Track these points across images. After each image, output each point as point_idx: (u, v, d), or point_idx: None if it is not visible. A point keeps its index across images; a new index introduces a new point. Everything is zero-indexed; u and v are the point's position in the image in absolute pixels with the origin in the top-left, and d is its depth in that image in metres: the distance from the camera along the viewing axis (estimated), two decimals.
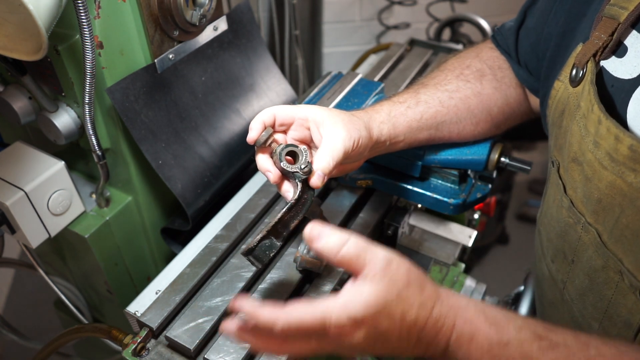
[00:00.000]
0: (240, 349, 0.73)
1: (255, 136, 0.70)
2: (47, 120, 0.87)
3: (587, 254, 0.65)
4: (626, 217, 0.58)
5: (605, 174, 0.58)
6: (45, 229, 0.91)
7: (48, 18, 0.64)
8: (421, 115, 0.83)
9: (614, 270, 0.61)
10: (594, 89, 0.60)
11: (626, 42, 0.61)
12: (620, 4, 0.61)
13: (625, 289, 0.61)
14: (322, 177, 0.69)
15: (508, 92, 0.89)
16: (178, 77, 0.98)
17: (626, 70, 0.60)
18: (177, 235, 1.07)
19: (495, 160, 0.91)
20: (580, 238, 0.66)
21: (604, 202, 0.60)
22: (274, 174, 0.71)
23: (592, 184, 0.61)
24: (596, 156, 0.59)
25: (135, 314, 0.79)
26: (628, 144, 0.54)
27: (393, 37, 2.29)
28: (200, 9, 0.90)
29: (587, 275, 0.66)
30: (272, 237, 0.67)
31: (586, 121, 0.61)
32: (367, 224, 0.94)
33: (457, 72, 0.89)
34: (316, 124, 0.72)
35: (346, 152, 0.70)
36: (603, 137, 0.58)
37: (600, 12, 0.64)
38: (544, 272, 0.79)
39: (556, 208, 0.72)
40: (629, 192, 0.56)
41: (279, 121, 0.73)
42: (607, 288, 0.63)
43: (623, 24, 0.60)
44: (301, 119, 0.73)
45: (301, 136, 0.74)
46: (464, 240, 1.05)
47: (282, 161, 0.70)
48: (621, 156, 0.56)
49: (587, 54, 0.63)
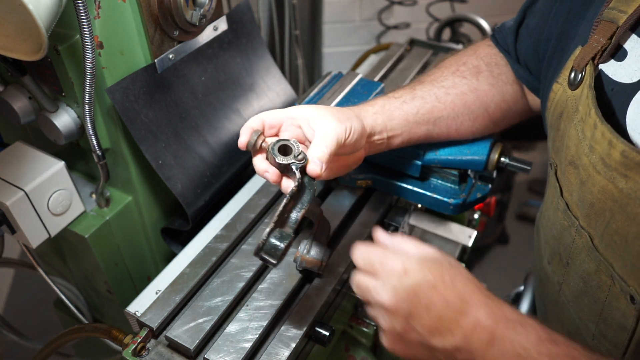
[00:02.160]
0: (240, 349, 0.73)
1: (245, 139, 0.71)
2: (47, 120, 0.87)
3: (581, 257, 0.65)
4: (616, 223, 0.58)
5: (599, 178, 0.58)
6: (45, 229, 0.91)
7: (48, 18, 0.64)
8: (417, 109, 0.83)
9: (605, 274, 0.62)
10: (592, 93, 0.60)
11: (626, 45, 0.60)
12: (619, 7, 0.61)
13: (617, 293, 0.61)
14: (318, 164, 0.68)
15: (505, 89, 0.89)
16: (178, 77, 0.98)
17: (626, 74, 0.60)
18: (177, 235, 1.07)
19: (495, 160, 0.91)
20: (574, 241, 0.66)
21: (596, 206, 0.60)
22: (271, 172, 0.71)
23: (586, 188, 0.61)
24: (591, 160, 0.59)
25: (135, 314, 0.79)
26: (620, 150, 0.55)
27: (393, 37, 2.29)
28: (200, 9, 0.90)
29: (582, 278, 0.66)
30: (278, 229, 0.66)
31: (583, 125, 0.61)
32: (367, 224, 0.94)
33: (453, 68, 0.89)
34: (306, 120, 0.73)
35: (339, 140, 0.70)
36: (598, 142, 0.58)
37: (599, 15, 0.63)
38: (543, 272, 0.79)
39: (553, 210, 0.72)
40: (619, 197, 0.56)
41: (267, 125, 0.74)
42: (601, 291, 0.63)
43: (622, 27, 0.60)
44: (290, 118, 0.74)
45: (294, 135, 0.75)
46: (464, 240, 1.05)
47: (276, 156, 0.70)
48: (613, 161, 0.56)
49: (586, 58, 0.63)
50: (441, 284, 0.58)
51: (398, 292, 0.58)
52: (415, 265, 0.59)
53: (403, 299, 0.58)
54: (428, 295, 0.57)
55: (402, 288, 0.58)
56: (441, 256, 0.62)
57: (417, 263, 0.59)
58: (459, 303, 0.57)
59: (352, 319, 1.04)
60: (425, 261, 0.60)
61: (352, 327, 1.03)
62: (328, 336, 0.78)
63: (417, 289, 0.58)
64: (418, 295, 0.57)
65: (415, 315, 0.57)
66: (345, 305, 0.95)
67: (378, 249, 0.63)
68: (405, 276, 0.58)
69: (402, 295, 0.58)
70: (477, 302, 0.57)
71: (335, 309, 0.89)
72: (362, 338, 1.03)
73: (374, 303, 0.61)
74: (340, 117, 0.72)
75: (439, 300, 0.57)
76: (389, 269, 0.59)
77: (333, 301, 0.87)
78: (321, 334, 0.78)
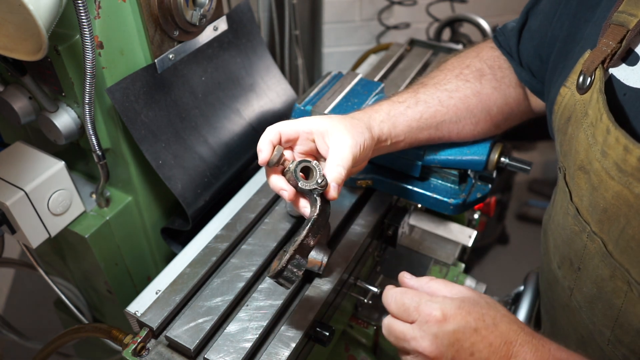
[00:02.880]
0: (240, 349, 0.73)
1: (267, 157, 0.69)
2: (47, 120, 0.87)
3: (594, 263, 0.64)
4: (632, 228, 0.57)
5: (612, 183, 0.57)
6: (45, 229, 0.91)
7: (48, 18, 0.64)
8: (421, 114, 0.83)
9: (621, 280, 0.61)
10: (603, 97, 0.59)
11: (637, 49, 0.59)
12: (629, 10, 0.60)
13: (634, 299, 0.60)
14: (337, 189, 0.68)
15: (507, 92, 0.88)
16: (178, 77, 0.98)
17: (639, 79, 0.59)
18: (177, 235, 1.07)
19: (495, 160, 0.91)
20: (586, 247, 0.65)
21: (609, 212, 0.59)
22: (289, 192, 0.70)
23: (598, 193, 0.60)
24: (603, 165, 0.58)
25: (135, 314, 0.79)
26: (637, 155, 0.54)
27: (393, 37, 2.29)
28: (200, 9, 0.90)
29: (595, 284, 0.65)
30: (298, 256, 0.66)
31: (594, 130, 0.60)
32: (367, 224, 0.94)
33: (456, 71, 0.88)
34: (321, 135, 0.72)
35: (354, 159, 0.71)
36: (611, 147, 0.57)
37: (608, 19, 0.62)
38: (552, 276, 0.78)
39: (562, 215, 0.71)
40: (635, 203, 0.55)
41: (284, 138, 0.72)
42: (616, 297, 0.62)
43: (632, 31, 0.59)
44: (306, 132, 0.73)
45: (307, 149, 0.74)
46: (464, 240, 1.05)
47: (298, 180, 0.69)
48: (629, 167, 0.55)
49: (596, 61, 0.62)
50: (483, 328, 0.57)
51: (439, 340, 0.57)
52: (455, 310, 0.58)
53: (445, 345, 0.57)
54: (471, 340, 0.56)
55: (444, 335, 0.57)
56: (477, 296, 0.60)
57: (456, 307, 0.58)
58: (504, 346, 0.56)
59: (352, 319, 1.04)
60: (464, 304, 0.58)
61: (352, 327, 1.04)
62: (328, 336, 0.78)
63: (460, 335, 0.57)
64: (460, 341, 0.56)
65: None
66: (345, 305, 0.95)
67: (411, 293, 0.61)
68: (446, 322, 0.57)
69: (444, 342, 0.57)
70: (521, 343, 0.57)
71: (335, 309, 0.89)
72: (362, 338, 1.04)
73: (412, 351, 0.59)
74: (354, 134, 0.72)
75: (483, 345, 0.56)
76: (426, 315, 0.58)
77: (333, 301, 0.87)
78: (321, 334, 0.78)
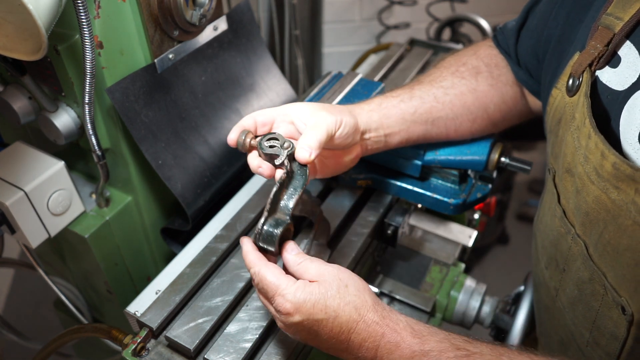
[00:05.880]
0: (240, 349, 0.73)
1: (233, 137, 0.73)
2: (47, 120, 0.87)
3: (576, 265, 0.65)
4: (609, 233, 0.58)
5: (593, 188, 0.58)
6: (45, 229, 0.91)
7: (48, 18, 0.64)
8: (415, 109, 0.83)
9: (599, 283, 0.62)
10: (587, 102, 0.60)
11: (620, 52, 0.60)
12: (617, 13, 0.60)
13: (609, 303, 0.61)
14: (307, 150, 0.68)
15: (504, 90, 0.88)
16: (178, 77, 0.98)
17: (619, 81, 0.59)
18: (177, 235, 1.07)
19: (495, 160, 0.91)
20: (571, 248, 0.66)
21: (590, 215, 0.60)
22: (265, 167, 0.72)
23: (581, 197, 0.61)
24: (585, 170, 0.59)
25: (135, 314, 0.79)
26: (612, 162, 0.55)
27: (393, 37, 2.29)
28: (200, 8, 0.90)
29: (577, 286, 0.66)
30: (272, 216, 0.67)
31: (579, 133, 0.61)
32: (367, 224, 0.94)
33: (452, 69, 0.89)
34: (298, 116, 0.74)
35: (329, 130, 0.71)
36: (592, 152, 0.58)
37: (597, 20, 0.63)
38: (539, 277, 0.79)
39: (550, 216, 0.72)
40: (612, 208, 0.56)
41: (260, 122, 0.75)
42: (594, 300, 0.63)
43: (618, 34, 0.59)
44: (282, 115, 0.75)
45: (286, 132, 0.75)
46: (464, 240, 1.05)
47: (263, 149, 0.71)
48: (606, 173, 0.56)
49: (583, 64, 0.62)
50: (324, 319, 0.61)
51: (288, 326, 0.64)
52: (301, 304, 0.61)
53: (293, 330, 0.64)
54: (314, 329, 0.62)
55: (291, 324, 0.62)
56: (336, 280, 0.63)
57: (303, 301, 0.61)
58: (343, 334, 0.61)
59: None
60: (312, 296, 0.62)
61: None
62: None
63: (305, 325, 0.62)
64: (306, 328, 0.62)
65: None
66: None
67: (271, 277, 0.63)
68: (292, 316, 0.62)
69: (291, 328, 0.64)
70: (358, 331, 0.61)
71: None
72: None
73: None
74: (331, 110, 0.73)
75: (325, 332, 0.62)
76: (278, 305, 0.62)
77: None
78: None
